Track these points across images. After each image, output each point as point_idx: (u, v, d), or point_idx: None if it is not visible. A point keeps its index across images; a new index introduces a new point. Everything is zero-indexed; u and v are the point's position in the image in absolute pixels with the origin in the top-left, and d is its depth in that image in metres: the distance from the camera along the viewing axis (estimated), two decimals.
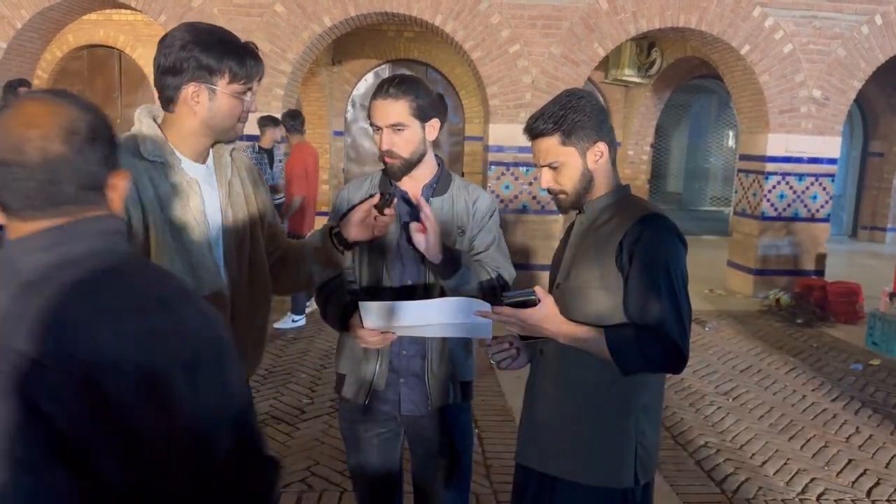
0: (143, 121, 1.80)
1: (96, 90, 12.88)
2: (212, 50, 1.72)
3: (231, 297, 1.89)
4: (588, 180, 1.85)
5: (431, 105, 2.09)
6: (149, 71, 12.33)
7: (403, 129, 2.05)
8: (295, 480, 3.57)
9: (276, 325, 6.27)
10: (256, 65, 1.79)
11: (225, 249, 1.88)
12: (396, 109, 2.04)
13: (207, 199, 1.85)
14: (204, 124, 1.78)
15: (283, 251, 2.14)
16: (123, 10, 9.79)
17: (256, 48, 1.84)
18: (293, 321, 6.42)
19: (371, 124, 2.11)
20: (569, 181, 1.85)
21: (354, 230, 2.00)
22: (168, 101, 1.78)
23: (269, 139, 6.92)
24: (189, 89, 1.74)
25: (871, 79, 8.55)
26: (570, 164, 1.83)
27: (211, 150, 1.89)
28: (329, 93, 12.54)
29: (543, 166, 1.87)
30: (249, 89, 1.81)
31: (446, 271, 2.01)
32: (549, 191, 1.90)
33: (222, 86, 1.75)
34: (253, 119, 7.17)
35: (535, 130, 1.85)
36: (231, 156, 1.95)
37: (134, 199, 1.71)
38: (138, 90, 12.81)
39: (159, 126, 1.81)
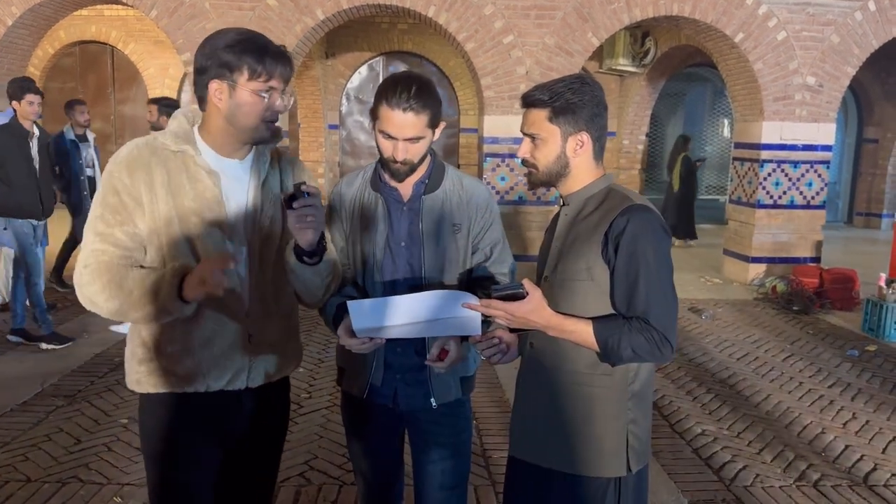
0: (177, 118, 1.91)
1: (89, 86, 12.84)
2: (232, 48, 1.77)
3: (250, 290, 1.92)
4: (562, 165, 1.85)
5: (440, 109, 2.07)
6: (141, 66, 12.30)
7: (419, 140, 2.01)
8: (294, 475, 3.57)
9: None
10: (276, 63, 1.79)
11: (248, 244, 1.91)
12: (416, 122, 1.97)
13: (231, 192, 1.88)
14: (227, 121, 1.83)
15: None
16: (115, 6, 9.73)
17: (285, 50, 1.85)
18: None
19: (380, 131, 2.01)
20: (543, 159, 1.85)
21: (299, 236, 1.81)
22: (201, 101, 1.85)
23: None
24: (212, 87, 1.80)
25: (865, 65, 8.55)
26: (549, 142, 1.83)
27: (254, 148, 1.93)
28: (323, 86, 12.50)
29: (526, 136, 1.88)
30: (272, 88, 1.81)
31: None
32: (523, 161, 1.91)
33: (242, 82, 1.78)
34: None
35: (529, 98, 1.85)
36: (276, 154, 2.00)
37: (147, 185, 1.81)
38: (131, 86, 12.77)
39: (197, 127, 1.90)
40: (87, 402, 4.42)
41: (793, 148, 8.18)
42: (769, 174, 8.19)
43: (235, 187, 1.89)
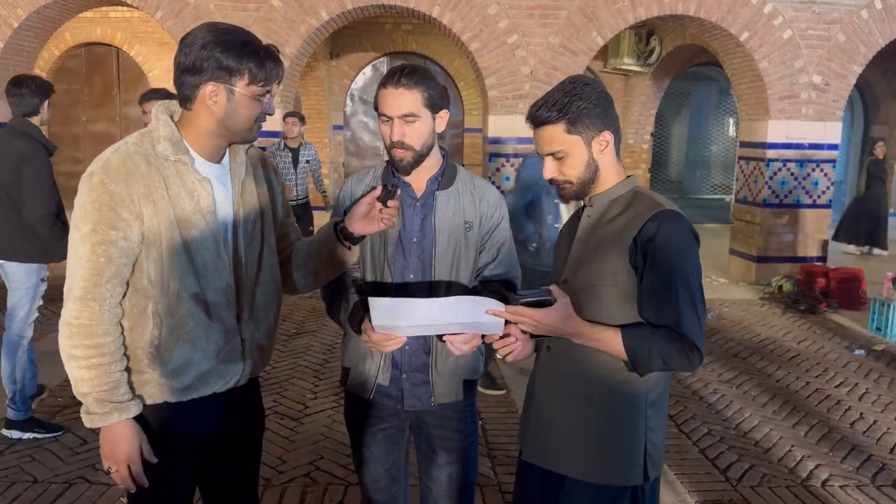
0: (160, 118, 1.80)
1: (95, 88, 12.88)
2: (232, 51, 1.72)
3: (237, 297, 1.89)
4: (594, 170, 1.80)
5: (441, 95, 2.05)
6: (146, 68, 12.32)
7: (415, 120, 2.00)
8: (299, 475, 3.58)
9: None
10: (276, 67, 1.79)
11: (234, 249, 1.88)
12: (409, 99, 1.98)
13: (219, 198, 1.85)
14: (220, 124, 1.79)
15: (292, 250, 2.12)
16: (120, 8, 9.76)
17: (278, 51, 1.82)
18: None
19: (380, 114, 2.03)
20: (573, 171, 1.79)
21: (359, 224, 1.94)
22: (186, 100, 1.78)
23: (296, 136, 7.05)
24: (207, 88, 1.74)
25: (872, 63, 8.51)
26: (575, 153, 1.77)
27: (227, 149, 1.89)
28: (328, 87, 12.51)
29: (547, 155, 1.81)
30: (268, 92, 1.80)
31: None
32: (551, 181, 1.84)
33: (241, 87, 1.75)
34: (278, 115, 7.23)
35: (538, 118, 1.78)
36: (246, 154, 1.95)
37: (146, 197, 1.73)
38: (137, 87, 12.78)
39: (176, 124, 1.82)
40: None
41: (799, 147, 8.15)
42: (775, 173, 8.16)
43: (222, 193, 1.86)
